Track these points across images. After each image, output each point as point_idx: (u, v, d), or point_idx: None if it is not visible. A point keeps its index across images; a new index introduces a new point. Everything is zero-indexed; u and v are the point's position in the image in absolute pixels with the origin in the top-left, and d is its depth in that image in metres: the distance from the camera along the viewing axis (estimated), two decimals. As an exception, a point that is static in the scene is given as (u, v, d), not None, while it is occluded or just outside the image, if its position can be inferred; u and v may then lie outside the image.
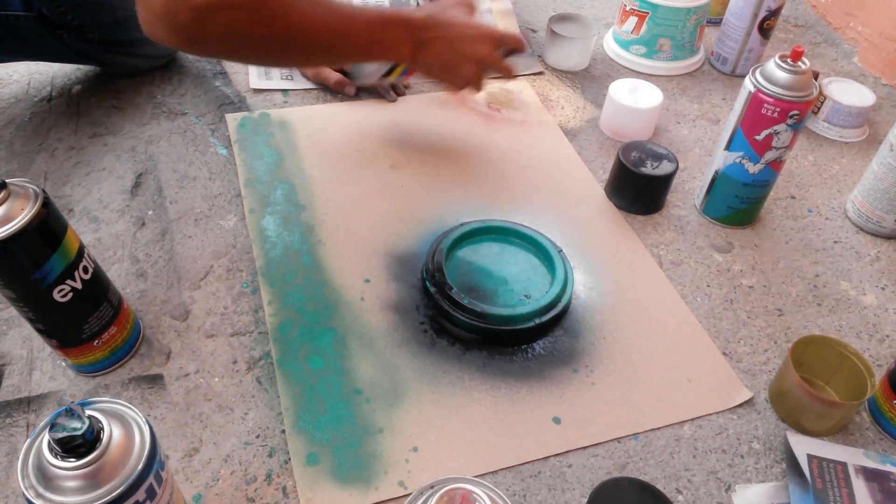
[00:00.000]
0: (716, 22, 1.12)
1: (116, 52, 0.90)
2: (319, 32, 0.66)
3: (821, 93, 0.94)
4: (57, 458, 0.39)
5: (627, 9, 1.02)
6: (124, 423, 0.42)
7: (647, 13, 1.00)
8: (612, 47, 1.07)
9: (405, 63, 0.79)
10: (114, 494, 0.39)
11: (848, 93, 0.94)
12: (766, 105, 0.69)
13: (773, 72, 0.69)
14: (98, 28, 0.86)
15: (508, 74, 0.82)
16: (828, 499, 0.54)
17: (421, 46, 0.73)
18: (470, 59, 0.76)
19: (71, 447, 0.39)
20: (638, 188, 0.80)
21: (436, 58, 0.75)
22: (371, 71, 0.87)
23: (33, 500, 0.39)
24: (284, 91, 0.95)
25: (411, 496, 0.42)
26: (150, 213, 0.77)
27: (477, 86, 0.80)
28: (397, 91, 0.95)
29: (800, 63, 0.68)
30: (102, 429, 0.40)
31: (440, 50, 0.74)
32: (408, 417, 0.60)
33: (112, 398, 0.44)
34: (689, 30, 1.01)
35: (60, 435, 0.38)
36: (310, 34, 0.65)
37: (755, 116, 0.71)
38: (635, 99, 0.89)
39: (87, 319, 0.58)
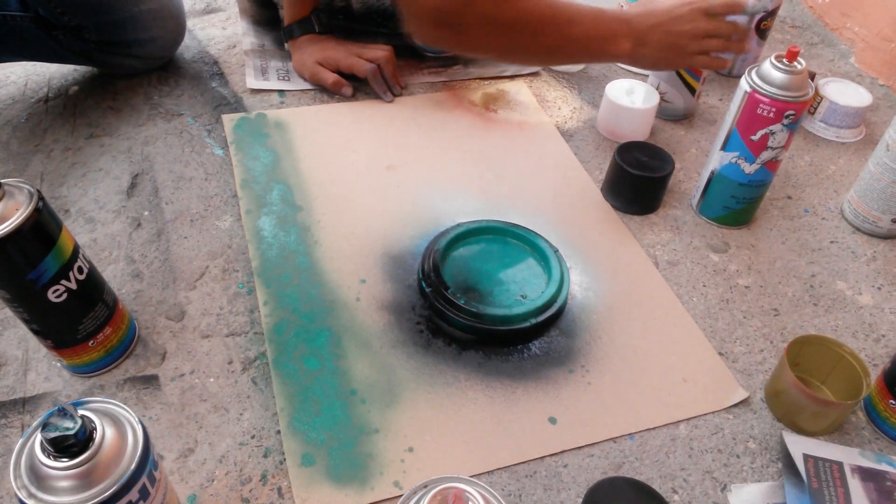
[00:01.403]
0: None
1: (113, 52, 0.90)
2: (546, 20, 0.73)
3: (817, 93, 0.94)
4: (49, 457, 0.39)
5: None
6: (117, 423, 0.42)
7: None
8: None
9: (623, 58, 0.80)
10: (106, 494, 0.39)
11: (844, 93, 0.94)
12: (761, 105, 0.69)
13: (769, 72, 0.69)
14: (95, 29, 0.86)
15: (737, 33, 0.80)
16: (824, 498, 0.54)
17: (641, 42, 0.77)
18: (691, 36, 0.78)
19: (63, 447, 0.39)
20: (634, 188, 0.80)
21: (657, 48, 0.78)
22: None
23: (25, 500, 0.39)
24: (281, 92, 0.95)
25: (404, 496, 0.42)
26: (146, 213, 0.77)
27: (713, 62, 0.81)
28: (394, 91, 0.95)
29: (795, 63, 0.68)
30: (95, 428, 0.40)
31: (659, 38, 0.77)
32: (403, 418, 0.60)
33: (106, 398, 0.44)
34: None
35: (53, 434, 0.38)
36: (537, 21, 0.73)
37: (751, 116, 0.71)
38: (631, 100, 0.89)
39: (82, 320, 0.58)
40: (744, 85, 0.71)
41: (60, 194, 0.79)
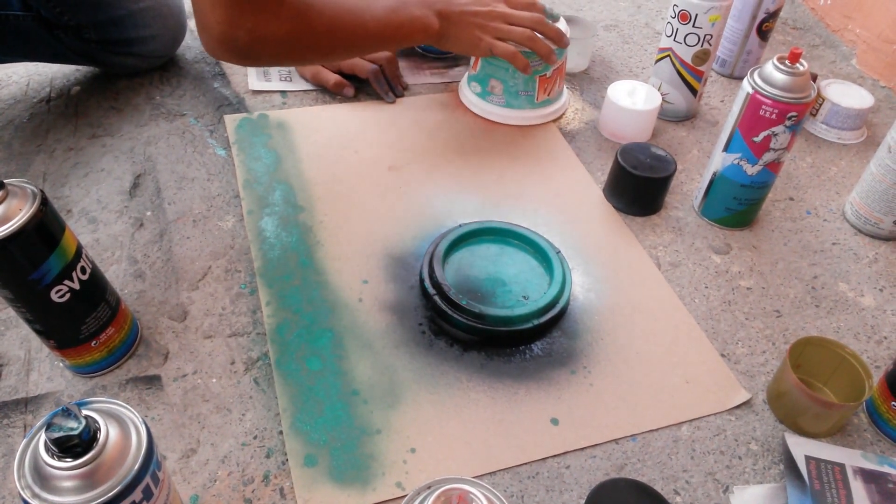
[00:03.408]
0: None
1: (114, 51, 0.90)
2: (344, 25, 0.73)
3: (819, 95, 0.94)
4: (53, 458, 0.39)
5: None
6: (121, 424, 0.42)
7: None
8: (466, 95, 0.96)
9: (432, 36, 0.81)
10: (110, 495, 0.39)
11: (846, 95, 0.95)
12: (764, 106, 0.69)
13: (772, 73, 0.69)
14: (95, 27, 0.86)
15: (539, 26, 0.85)
16: (826, 500, 0.54)
17: (447, 19, 0.80)
18: (494, 17, 0.83)
19: (67, 447, 0.39)
20: (636, 190, 0.80)
21: (464, 27, 0.82)
22: None
23: (29, 501, 0.39)
24: (283, 93, 0.95)
25: (408, 497, 0.42)
26: (149, 213, 0.77)
27: (516, 56, 0.84)
28: (396, 92, 0.95)
29: (798, 65, 0.68)
30: (99, 429, 0.40)
31: (465, 18, 0.82)
32: (405, 418, 0.60)
33: (109, 398, 0.44)
34: (522, 77, 0.89)
35: (57, 435, 0.38)
36: (336, 28, 0.73)
37: (753, 118, 0.71)
38: (633, 101, 0.89)
39: (84, 320, 0.58)
40: (746, 86, 0.71)
41: (63, 194, 0.79)
